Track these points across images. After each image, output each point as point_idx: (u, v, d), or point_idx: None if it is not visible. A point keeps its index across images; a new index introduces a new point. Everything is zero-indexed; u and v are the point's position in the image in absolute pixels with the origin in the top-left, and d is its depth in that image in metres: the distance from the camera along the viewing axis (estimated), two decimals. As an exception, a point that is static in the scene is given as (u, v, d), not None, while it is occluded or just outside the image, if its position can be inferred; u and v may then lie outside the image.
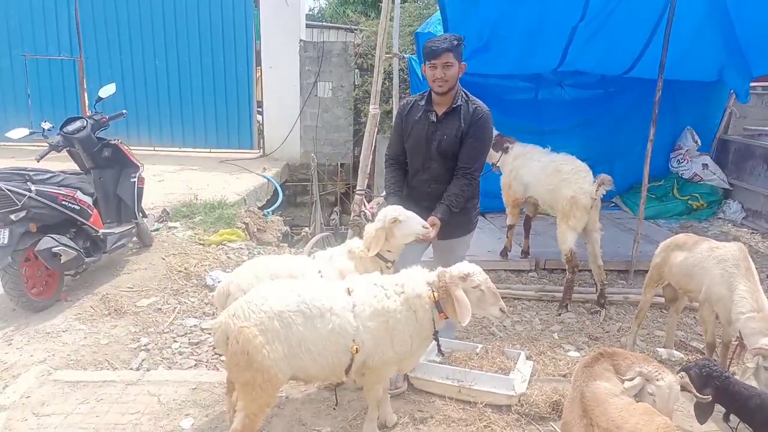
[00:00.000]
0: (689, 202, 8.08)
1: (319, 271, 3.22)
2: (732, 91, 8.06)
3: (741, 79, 7.01)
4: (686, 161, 8.29)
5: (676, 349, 4.33)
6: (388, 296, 2.74)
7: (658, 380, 2.38)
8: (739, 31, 6.14)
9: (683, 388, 2.77)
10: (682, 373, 2.83)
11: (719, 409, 2.96)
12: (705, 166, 8.22)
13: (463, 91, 3.57)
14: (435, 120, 3.52)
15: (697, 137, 8.29)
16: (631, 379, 2.48)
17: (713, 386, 2.88)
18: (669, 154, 8.48)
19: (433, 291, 2.76)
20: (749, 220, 7.79)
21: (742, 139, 8.35)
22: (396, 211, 3.26)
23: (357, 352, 2.67)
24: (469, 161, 3.50)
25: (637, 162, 7.68)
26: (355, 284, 2.79)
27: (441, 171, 3.55)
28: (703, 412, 2.89)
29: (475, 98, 3.58)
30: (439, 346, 3.06)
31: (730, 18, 6.00)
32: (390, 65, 7.27)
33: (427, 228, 3.28)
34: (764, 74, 8.21)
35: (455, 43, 3.37)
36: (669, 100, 7.33)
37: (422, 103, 3.58)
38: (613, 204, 8.30)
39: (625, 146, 8.06)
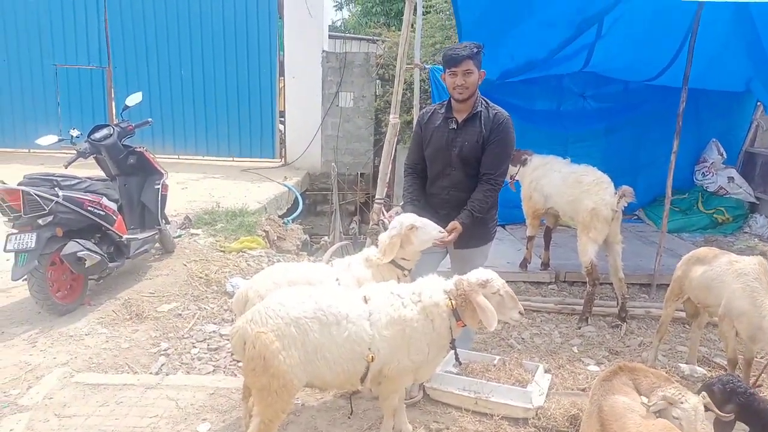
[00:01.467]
0: (714, 215, 7.93)
1: (337, 279, 3.24)
2: (759, 103, 7.94)
3: (768, 91, 6.90)
4: (711, 174, 8.15)
5: (698, 365, 4.24)
6: (404, 305, 2.74)
7: (682, 403, 2.34)
8: (766, 43, 6.05)
9: (706, 408, 2.72)
10: (703, 393, 2.77)
11: (742, 427, 2.89)
12: (731, 179, 8.07)
13: (483, 99, 3.58)
14: (455, 127, 3.54)
15: (722, 150, 8.16)
16: (655, 404, 2.44)
17: (736, 403, 2.81)
18: (693, 167, 8.35)
19: (450, 299, 2.76)
20: (777, 235, 7.63)
21: (770, 152, 8.19)
22: (411, 218, 3.28)
23: (372, 360, 2.67)
24: (492, 167, 3.51)
25: (661, 174, 7.57)
26: (371, 292, 2.80)
27: (461, 178, 3.56)
28: (723, 430, 2.82)
29: (494, 104, 3.60)
30: (456, 354, 3.05)
31: (757, 30, 5.91)
32: (411, 75, 7.30)
33: (443, 233, 3.28)
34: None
35: (475, 50, 3.40)
36: (693, 111, 7.23)
37: (442, 111, 3.61)
38: (635, 217, 8.19)
39: (648, 158, 7.96)
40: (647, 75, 6.94)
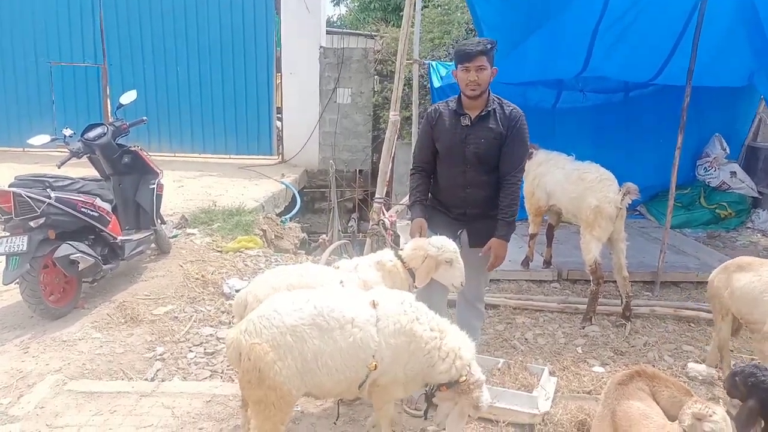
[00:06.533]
0: (716, 210, 7.85)
1: (341, 281, 3.13)
2: (762, 97, 7.84)
3: (772, 85, 6.79)
4: (713, 169, 8.06)
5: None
6: (420, 321, 2.65)
7: (711, 416, 2.27)
8: (770, 36, 5.94)
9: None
10: (729, 401, 2.66)
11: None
12: (733, 173, 7.98)
13: (495, 96, 3.49)
14: (469, 123, 3.43)
15: (725, 144, 8.07)
16: (690, 425, 2.35)
17: (759, 398, 2.67)
18: (696, 162, 8.26)
19: (462, 376, 2.68)
20: (780, 230, 7.55)
21: (773, 147, 8.10)
22: (456, 253, 3.19)
23: (375, 368, 2.57)
24: (513, 166, 3.44)
25: (662, 169, 7.53)
26: (381, 297, 2.70)
27: (475, 175, 3.46)
28: (743, 425, 2.69)
29: (507, 101, 3.51)
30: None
31: (761, 22, 5.80)
32: (410, 71, 7.20)
33: (462, 287, 3.24)
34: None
35: (489, 46, 3.30)
36: (695, 105, 7.10)
37: (453, 107, 3.50)
38: (637, 212, 8.10)
39: (649, 153, 7.88)
40: (646, 75, 6.83)
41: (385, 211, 4.50)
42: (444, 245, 3.20)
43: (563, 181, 5.17)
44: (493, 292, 5.25)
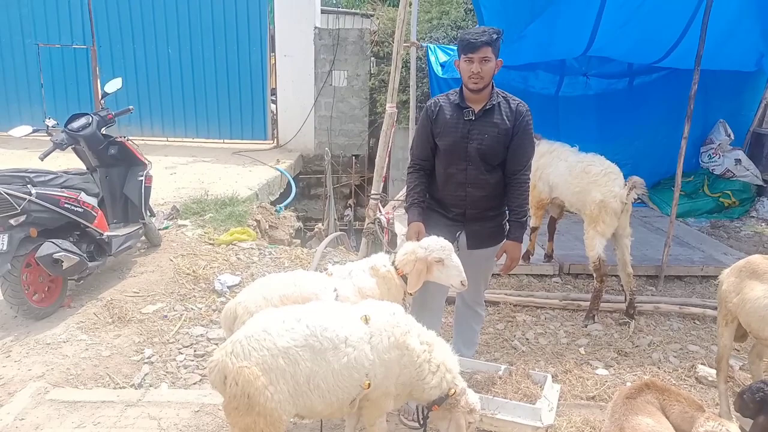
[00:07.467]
0: (720, 199, 7.69)
1: (335, 290, 2.97)
2: (769, 82, 7.63)
3: (781, 70, 6.60)
4: (718, 156, 7.87)
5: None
6: (411, 333, 2.53)
7: None
8: (780, 19, 5.73)
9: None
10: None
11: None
12: (738, 161, 7.79)
13: (499, 89, 3.31)
14: (472, 117, 3.24)
15: (730, 130, 7.87)
16: None
17: None
18: (699, 149, 8.07)
19: (451, 389, 2.62)
20: (785, 219, 7.40)
21: (779, 133, 7.91)
22: (445, 251, 3.02)
23: (369, 387, 2.43)
24: (521, 162, 3.30)
25: (665, 156, 7.37)
26: (373, 311, 2.55)
27: (477, 173, 3.28)
28: None
29: (511, 95, 3.33)
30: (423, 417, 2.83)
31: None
32: (407, 54, 6.95)
33: (465, 285, 3.06)
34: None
35: (494, 36, 3.10)
36: (701, 91, 6.86)
37: (454, 100, 3.30)
38: (639, 200, 7.92)
39: (652, 140, 7.70)
40: (653, 57, 6.62)
41: (381, 208, 4.31)
42: (431, 245, 3.05)
43: (566, 173, 4.99)
44: (493, 288, 5.10)
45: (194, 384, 3.68)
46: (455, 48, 6.18)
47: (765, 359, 3.60)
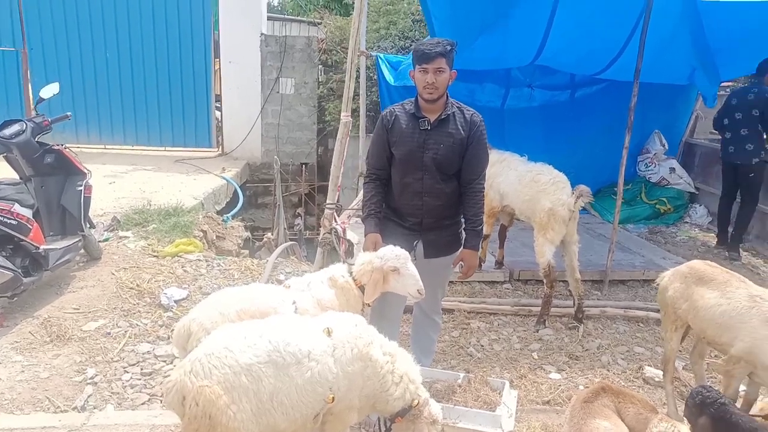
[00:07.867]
0: (657, 206, 8.06)
1: (294, 302, 2.89)
2: (699, 94, 8.06)
3: (710, 83, 6.99)
4: (654, 165, 8.26)
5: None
6: (374, 344, 2.49)
7: None
8: (710, 36, 6.07)
9: None
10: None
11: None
12: (672, 169, 8.20)
13: (453, 100, 3.35)
14: (428, 127, 3.26)
15: (664, 141, 8.28)
16: None
17: (709, 415, 2.68)
18: (636, 158, 8.44)
19: (414, 400, 2.59)
20: (715, 224, 7.79)
21: (708, 143, 8.36)
22: (400, 260, 3.00)
23: (333, 401, 2.37)
24: (476, 172, 3.36)
25: (605, 165, 7.65)
26: (335, 323, 2.50)
27: (433, 182, 3.30)
28: None
29: (465, 105, 3.39)
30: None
31: (702, 23, 5.92)
32: (357, 63, 6.94)
33: (422, 295, 3.06)
34: (731, 78, 8.30)
35: (449, 48, 3.15)
36: (638, 103, 7.23)
37: (410, 110, 3.32)
38: (581, 208, 8.19)
39: (592, 150, 7.97)
40: (595, 68, 6.89)
41: (336, 218, 4.27)
42: (386, 254, 3.04)
43: (516, 182, 5.10)
44: (447, 296, 5.12)
45: (142, 404, 3.51)
46: (404, 58, 6.24)
47: (706, 359, 3.79)
